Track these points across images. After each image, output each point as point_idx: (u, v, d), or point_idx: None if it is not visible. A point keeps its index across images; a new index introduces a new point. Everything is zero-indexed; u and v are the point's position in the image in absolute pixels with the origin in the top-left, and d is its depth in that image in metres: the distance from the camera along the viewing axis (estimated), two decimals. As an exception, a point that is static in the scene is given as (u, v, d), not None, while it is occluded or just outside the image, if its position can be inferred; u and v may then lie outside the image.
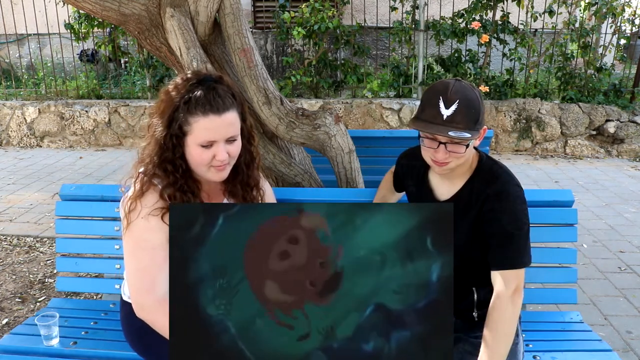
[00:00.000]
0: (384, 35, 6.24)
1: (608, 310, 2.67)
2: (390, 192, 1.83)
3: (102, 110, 6.22)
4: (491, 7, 5.46)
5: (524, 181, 2.68)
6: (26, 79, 6.90)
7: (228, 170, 1.41)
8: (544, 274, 1.89)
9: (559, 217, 1.86)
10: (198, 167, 1.37)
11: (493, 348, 1.33)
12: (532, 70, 5.86)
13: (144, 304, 1.34)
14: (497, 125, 5.70)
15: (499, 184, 1.42)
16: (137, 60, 6.43)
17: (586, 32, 5.57)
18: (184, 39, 2.08)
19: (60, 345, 1.75)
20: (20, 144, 6.45)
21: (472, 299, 1.54)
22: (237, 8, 2.17)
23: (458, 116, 1.32)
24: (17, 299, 2.84)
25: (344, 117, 5.80)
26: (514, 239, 1.38)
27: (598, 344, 1.74)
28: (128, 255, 1.37)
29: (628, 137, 5.60)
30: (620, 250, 3.36)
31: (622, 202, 4.26)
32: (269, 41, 7.01)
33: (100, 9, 2.10)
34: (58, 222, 2.04)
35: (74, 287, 2.26)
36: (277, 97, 2.17)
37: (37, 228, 3.82)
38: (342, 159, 2.21)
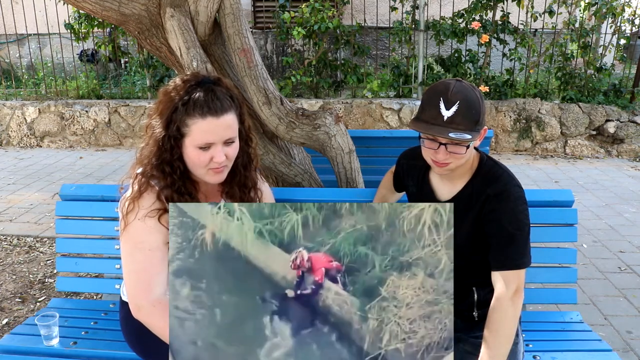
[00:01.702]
0: (384, 35, 6.24)
1: (608, 310, 2.67)
2: (390, 192, 1.83)
3: (102, 110, 6.22)
4: (491, 7, 5.46)
5: (524, 181, 2.68)
6: (26, 79, 6.90)
7: (225, 173, 1.41)
8: (544, 274, 1.89)
9: (559, 217, 1.86)
10: (196, 169, 1.37)
11: (493, 349, 1.33)
12: (532, 70, 5.86)
13: (140, 306, 1.34)
14: (497, 125, 5.70)
15: (499, 185, 1.42)
16: (137, 60, 6.43)
17: (586, 32, 5.58)
18: (184, 39, 2.08)
19: (60, 345, 1.75)
20: (21, 144, 6.45)
21: (472, 299, 1.54)
22: (237, 8, 2.16)
23: (458, 117, 1.32)
24: (17, 299, 2.84)
25: (344, 117, 5.80)
26: (515, 239, 1.38)
27: (598, 344, 1.74)
28: (125, 257, 1.37)
29: (628, 137, 5.60)
30: (620, 250, 3.36)
31: (622, 202, 4.26)
32: (269, 41, 7.01)
33: (100, 9, 2.10)
34: (58, 222, 2.04)
35: (74, 287, 2.26)
36: (277, 97, 2.17)
37: (37, 228, 3.82)
38: (342, 159, 2.21)
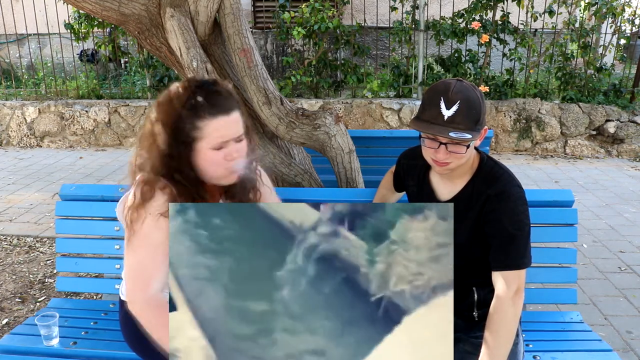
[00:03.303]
0: (384, 35, 6.24)
1: (608, 310, 2.67)
2: (390, 191, 1.83)
3: (102, 110, 6.22)
4: (491, 7, 5.46)
5: (524, 181, 2.68)
6: (26, 79, 6.90)
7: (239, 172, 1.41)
8: (544, 274, 1.89)
9: (559, 217, 1.86)
10: (212, 171, 1.35)
11: (494, 349, 1.33)
12: (532, 70, 5.86)
13: (135, 300, 1.35)
14: (497, 125, 5.70)
15: (500, 185, 1.42)
16: (137, 60, 6.43)
17: (586, 32, 5.57)
18: (184, 39, 2.08)
19: (60, 345, 1.75)
20: (20, 144, 6.45)
21: (472, 299, 1.54)
22: (237, 8, 2.17)
23: (459, 117, 1.32)
24: (17, 299, 2.84)
25: (344, 117, 5.80)
26: (515, 239, 1.38)
27: (598, 344, 1.74)
28: (127, 251, 1.37)
29: (628, 137, 5.60)
30: (620, 250, 3.36)
31: (622, 202, 4.26)
32: (269, 41, 7.01)
33: (100, 9, 2.10)
34: (58, 222, 2.04)
35: (74, 287, 2.27)
36: (277, 97, 2.17)
37: (37, 228, 3.82)
38: (342, 159, 2.21)
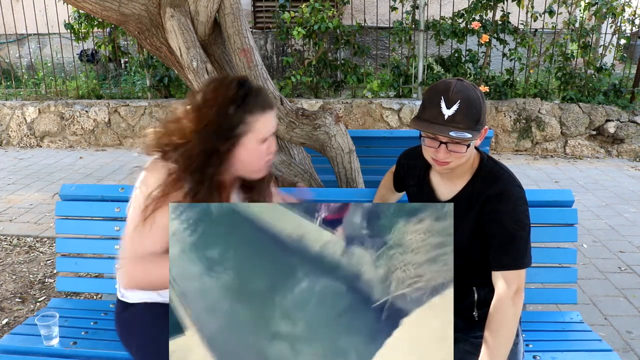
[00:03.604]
0: (384, 35, 6.24)
1: (608, 310, 2.67)
2: (391, 191, 1.83)
3: (102, 110, 6.22)
4: (491, 7, 5.46)
5: (524, 181, 2.68)
6: (26, 79, 6.90)
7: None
8: (544, 274, 1.89)
9: (559, 217, 1.86)
10: (255, 163, 1.41)
11: (494, 349, 1.33)
12: (532, 70, 5.86)
13: (123, 264, 1.35)
14: (497, 125, 5.70)
15: (500, 185, 1.42)
16: (137, 60, 6.43)
17: (586, 32, 5.57)
18: (184, 39, 2.08)
19: (60, 345, 1.75)
20: (20, 144, 6.45)
21: (472, 298, 1.54)
22: (237, 8, 2.17)
23: (459, 116, 1.32)
24: (17, 299, 2.84)
25: (344, 117, 5.80)
26: (516, 239, 1.38)
27: (598, 344, 1.74)
28: (139, 235, 1.34)
29: (628, 137, 5.60)
30: (620, 250, 3.36)
31: (622, 202, 4.26)
32: (269, 41, 7.01)
33: (100, 9, 2.10)
34: (58, 222, 2.04)
35: (74, 287, 2.26)
36: (277, 97, 2.17)
37: (37, 228, 3.82)
38: (342, 159, 2.21)
